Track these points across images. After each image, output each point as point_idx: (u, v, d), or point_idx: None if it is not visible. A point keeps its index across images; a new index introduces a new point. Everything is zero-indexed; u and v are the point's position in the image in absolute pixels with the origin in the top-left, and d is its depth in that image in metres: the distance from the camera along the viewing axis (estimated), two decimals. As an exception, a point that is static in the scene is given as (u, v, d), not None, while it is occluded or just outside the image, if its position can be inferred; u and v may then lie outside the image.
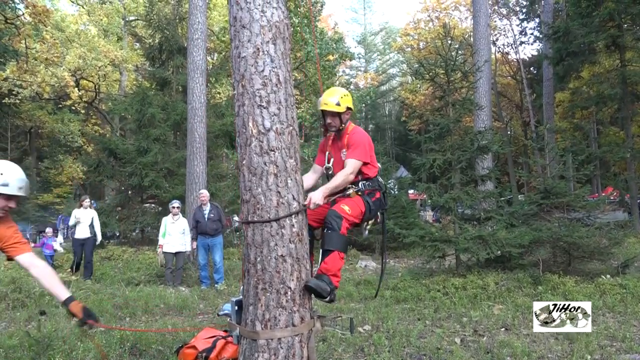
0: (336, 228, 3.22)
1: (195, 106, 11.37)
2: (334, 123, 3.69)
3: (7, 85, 23.15)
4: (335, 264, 3.23)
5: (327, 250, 3.23)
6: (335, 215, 3.27)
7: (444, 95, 8.90)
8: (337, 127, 3.71)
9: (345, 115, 3.69)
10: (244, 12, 3.03)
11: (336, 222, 3.23)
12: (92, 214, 10.43)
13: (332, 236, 3.22)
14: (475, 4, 15.45)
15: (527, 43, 34.85)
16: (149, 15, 16.68)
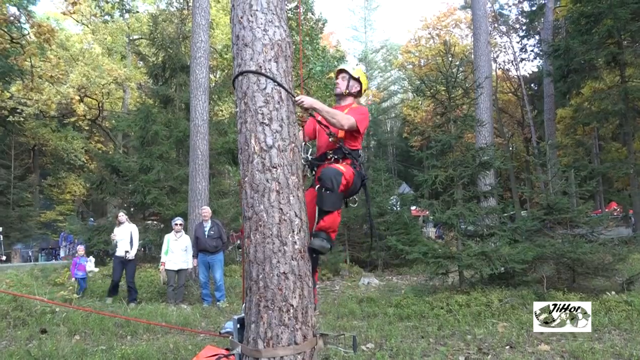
0: (335, 187, 3.25)
1: (198, 123, 11.43)
2: (341, 85, 3.86)
3: (11, 103, 23.37)
4: (334, 221, 3.30)
5: (324, 211, 3.27)
6: (333, 172, 3.30)
7: (445, 111, 8.95)
8: (341, 91, 3.86)
9: (353, 84, 3.87)
10: (247, 30, 3.07)
11: (336, 179, 3.27)
12: (130, 228, 9.92)
13: (330, 197, 3.26)
14: (475, 21, 15.60)
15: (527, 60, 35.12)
16: (152, 34, 16.86)
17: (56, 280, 11.61)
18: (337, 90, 3.90)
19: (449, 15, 38.75)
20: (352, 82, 3.87)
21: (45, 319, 6.59)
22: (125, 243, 9.69)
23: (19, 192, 30.56)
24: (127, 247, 9.65)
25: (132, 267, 9.77)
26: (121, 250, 9.66)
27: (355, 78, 3.87)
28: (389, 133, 52.93)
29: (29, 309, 6.76)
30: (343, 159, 3.60)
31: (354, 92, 3.90)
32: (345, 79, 3.86)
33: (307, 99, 3.29)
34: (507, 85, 37.23)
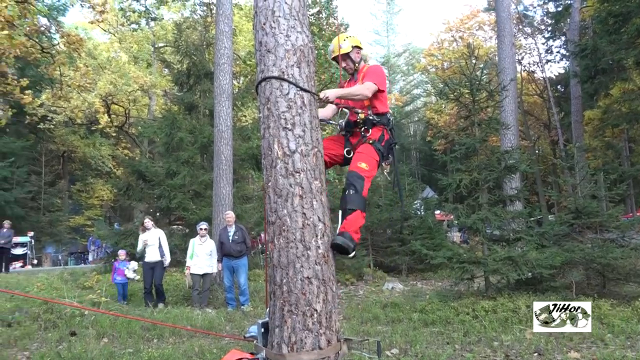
0: (359, 189, 3.37)
1: (222, 129, 11.55)
2: (348, 66, 3.98)
3: (42, 111, 24.03)
4: (356, 222, 3.34)
5: (348, 210, 3.35)
6: (357, 176, 3.42)
7: (469, 114, 8.85)
8: (353, 68, 3.97)
9: (355, 55, 3.96)
10: (269, 37, 3.10)
11: (359, 183, 3.38)
12: (158, 234, 10.02)
13: (354, 197, 3.35)
14: (499, 23, 15.41)
15: (553, 61, 34.36)
16: (177, 42, 17.14)
17: (85, 283, 11.85)
18: (349, 71, 4.02)
19: (472, 17, 38.33)
20: (352, 55, 3.95)
21: (74, 321, 6.73)
22: (154, 248, 9.82)
23: (49, 198, 31.38)
24: (156, 252, 9.78)
25: (160, 270, 9.88)
26: (150, 257, 9.79)
27: (351, 50, 3.95)
28: (412, 137, 52.61)
29: (59, 312, 6.92)
30: (373, 127, 3.72)
31: (359, 59, 4.00)
32: (345, 59, 3.95)
33: (330, 92, 3.41)
34: (532, 87, 36.61)
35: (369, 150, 3.62)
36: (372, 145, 3.65)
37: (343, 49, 3.88)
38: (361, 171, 3.45)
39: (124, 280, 10.30)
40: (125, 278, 10.31)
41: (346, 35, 4.00)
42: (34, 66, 24.53)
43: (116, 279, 10.27)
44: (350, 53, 3.92)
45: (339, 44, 3.87)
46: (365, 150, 3.62)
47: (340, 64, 3.96)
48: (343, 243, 3.15)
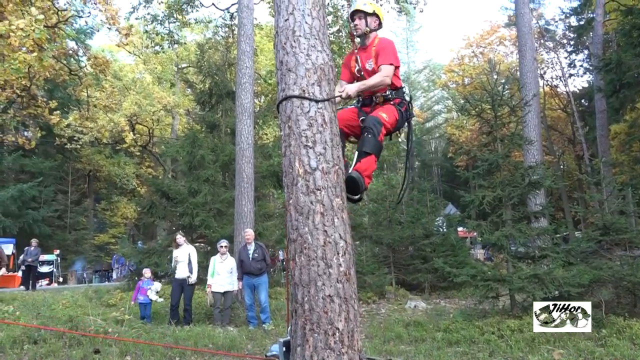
0: (376, 133, 3.44)
1: (243, 147, 11.66)
2: (360, 25, 3.83)
3: (69, 131, 24.67)
4: (370, 165, 3.42)
5: (364, 152, 3.42)
6: (376, 121, 3.50)
7: (491, 130, 8.77)
8: (362, 31, 3.83)
9: (372, 20, 3.84)
10: (290, 56, 3.13)
11: (377, 127, 3.46)
12: (189, 250, 9.96)
13: (371, 140, 3.43)
14: (520, 38, 15.32)
15: (576, 75, 34.01)
16: (199, 62, 17.50)
17: (109, 301, 11.97)
18: (358, 32, 3.87)
19: (492, 33, 38.17)
20: (369, 18, 3.84)
21: (98, 339, 6.79)
22: (184, 265, 9.78)
23: (75, 216, 31.99)
24: (186, 269, 9.73)
25: (190, 290, 9.82)
26: (180, 273, 9.76)
27: (371, 13, 3.84)
28: (433, 153, 52.29)
29: (83, 329, 6.99)
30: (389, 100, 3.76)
31: (374, 27, 3.88)
32: (362, 18, 3.83)
33: (351, 89, 3.42)
34: (555, 101, 36.13)
35: (389, 108, 3.70)
36: (392, 105, 3.73)
37: (364, 8, 3.81)
38: (381, 118, 3.52)
39: (146, 300, 9.88)
40: (147, 298, 9.89)
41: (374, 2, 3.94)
42: (62, 88, 25.30)
43: (139, 299, 9.86)
44: (369, 15, 3.82)
45: (361, 2, 3.83)
46: (386, 108, 3.69)
47: (353, 22, 3.87)
48: (357, 178, 3.26)
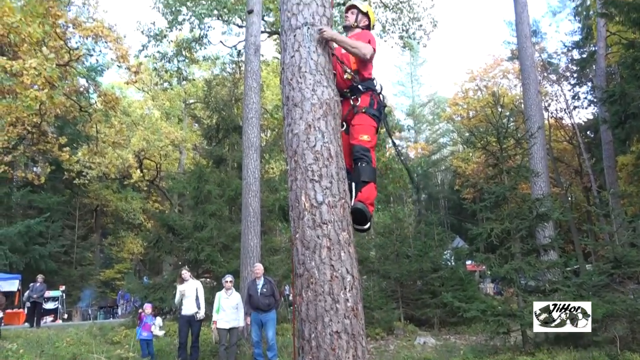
0: (368, 161, 3.47)
1: (250, 181, 11.70)
2: (350, 18, 3.99)
3: (78, 167, 24.92)
4: (371, 193, 3.44)
5: (362, 182, 3.41)
6: (364, 149, 3.49)
7: (497, 163, 8.78)
8: (350, 24, 3.98)
9: (362, 18, 3.99)
10: (296, 91, 3.18)
11: (367, 155, 3.48)
12: (195, 285, 9.77)
13: (366, 169, 3.44)
14: (523, 72, 15.49)
15: (580, 107, 34.07)
16: (207, 98, 17.79)
17: (113, 338, 11.81)
18: (346, 22, 4.03)
19: (495, 66, 38.69)
20: (360, 16, 3.99)
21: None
22: (191, 300, 9.59)
23: (81, 252, 31.95)
24: (193, 305, 9.56)
25: (198, 326, 9.63)
26: (187, 309, 9.54)
27: (364, 12, 4.00)
28: (439, 186, 52.20)
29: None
30: (362, 95, 3.67)
31: (362, 26, 4.00)
32: (354, 14, 3.99)
33: (328, 30, 3.39)
34: (561, 133, 36.20)
35: (365, 120, 3.61)
36: (365, 113, 3.62)
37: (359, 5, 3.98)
38: (365, 143, 3.51)
39: (149, 336, 9.70)
40: (151, 334, 9.70)
41: (369, 7, 4.14)
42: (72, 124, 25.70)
43: (142, 335, 9.64)
44: (359, 12, 3.98)
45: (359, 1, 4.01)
46: (361, 121, 3.60)
47: (346, 13, 4.04)
48: (363, 208, 3.26)
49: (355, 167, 3.48)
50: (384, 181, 23.48)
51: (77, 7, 16.99)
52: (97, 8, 16.89)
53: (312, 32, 3.28)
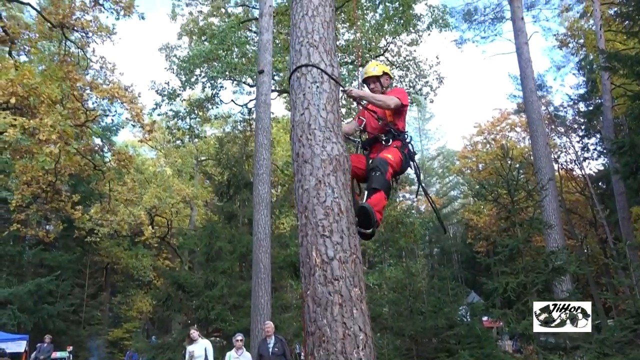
0: (384, 172, 3.63)
1: (260, 237, 11.67)
2: (377, 87, 4.27)
3: (90, 225, 25.06)
4: (380, 201, 3.53)
5: (373, 189, 3.56)
6: (383, 161, 3.71)
7: (509, 215, 8.70)
8: (380, 91, 4.26)
9: (384, 80, 4.32)
10: (306, 148, 3.23)
11: (384, 167, 3.66)
12: (205, 344, 9.65)
13: (380, 178, 3.61)
14: (531, 125, 15.66)
15: (591, 158, 33.94)
16: (218, 155, 18.10)
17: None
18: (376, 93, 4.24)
19: (503, 120, 39.07)
20: (382, 79, 4.30)
21: None
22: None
23: (90, 311, 31.55)
24: None
25: None
26: None
27: (381, 75, 4.30)
28: (452, 239, 51.61)
29: None
30: (393, 140, 4.01)
31: (388, 84, 4.38)
32: (375, 82, 4.27)
33: (355, 90, 3.82)
34: (572, 185, 35.97)
35: (394, 150, 3.91)
36: (395, 148, 3.95)
37: (374, 72, 4.27)
38: (387, 158, 3.73)
39: None
40: None
41: (377, 63, 4.43)
42: (86, 182, 26.09)
43: None
44: (380, 77, 4.28)
45: (371, 68, 4.28)
46: (389, 149, 3.91)
47: (369, 86, 4.30)
48: (369, 209, 3.33)
49: (370, 175, 3.70)
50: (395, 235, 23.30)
51: (94, 70, 17.65)
52: (114, 71, 17.48)
53: (320, 91, 3.37)
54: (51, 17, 14.38)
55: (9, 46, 14.48)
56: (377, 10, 20.27)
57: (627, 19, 17.25)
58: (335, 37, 3.82)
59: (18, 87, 12.05)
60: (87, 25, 14.84)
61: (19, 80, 12.14)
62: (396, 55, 20.55)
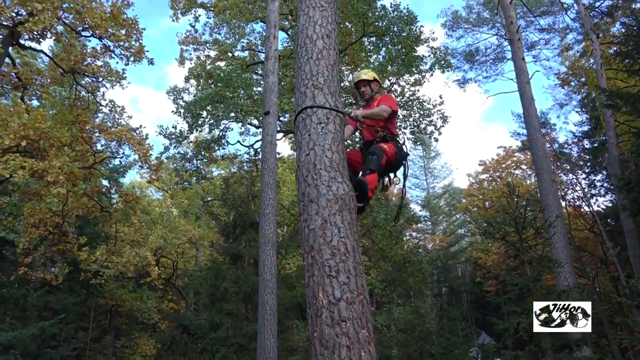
0: (379, 156, 4.17)
1: (266, 278, 11.55)
2: (367, 91, 4.80)
3: (95, 267, 24.94)
4: (373, 181, 4.00)
5: (369, 170, 4.04)
6: (379, 149, 4.27)
7: (518, 253, 8.62)
8: (369, 94, 4.78)
9: (374, 85, 4.83)
10: (312, 188, 3.24)
11: (379, 152, 4.21)
12: None
13: (375, 161, 4.12)
14: (536, 162, 15.66)
15: (598, 195, 33.75)
16: (225, 195, 18.17)
17: None
18: (365, 96, 4.81)
19: (508, 157, 39.16)
20: (372, 84, 4.82)
21: None
22: None
23: (94, 355, 30.92)
24: None
25: None
26: None
27: (372, 80, 4.80)
28: (460, 278, 50.83)
29: None
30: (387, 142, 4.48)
31: (377, 90, 4.86)
32: (366, 85, 4.79)
33: (359, 112, 4.29)
34: (581, 222, 35.61)
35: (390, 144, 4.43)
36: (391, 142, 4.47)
37: (366, 77, 4.76)
38: (383, 147, 4.27)
39: None
40: None
41: (369, 70, 4.88)
42: (92, 224, 26.14)
43: None
44: (371, 82, 4.78)
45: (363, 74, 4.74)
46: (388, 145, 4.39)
47: (359, 89, 4.79)
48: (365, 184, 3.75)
49: (367, 159, 4.19)
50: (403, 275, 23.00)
51: (103, 113, 18.02)
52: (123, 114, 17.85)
53: (325, 131, 3.42)
54: (63, 63, 14.81)
55: (22, 92, 14.86)
56: (381, 52, 20.72)
57: (627, 58, 17.49)
58: (339, 79, 3.91)
59: (30, 130, 12.28)
60: (97, 71, 15.24)
61: (31, 125, 12.39)
62: (400, 95, 20.86)
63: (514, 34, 17.85)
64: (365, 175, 3.99)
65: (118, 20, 14.07)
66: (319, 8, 3.96)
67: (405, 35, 18.51)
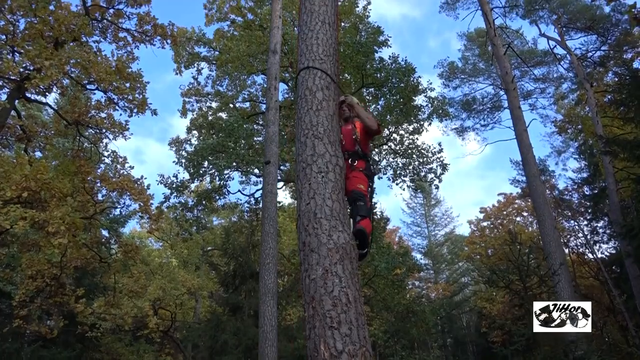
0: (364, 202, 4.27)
1: (267, 330, 11.29)
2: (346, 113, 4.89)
3: (92, 319, 24.42)
4: (367, 225, 4.10)
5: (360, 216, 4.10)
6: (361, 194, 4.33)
7: (522, 302, 8.46)
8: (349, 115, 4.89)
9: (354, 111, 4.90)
10: (312, 237, 3.23)
11: (363, 198, 4.29)
12: None
13: (363, 207, 4.21)
14: (537, 209, 15.63)
15: (601, 242, 33.47)
16: (225, 245, 18.03)
17: None
18: (345, 115, 4.89)
19: (508, 204, 39.16)
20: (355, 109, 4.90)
21: None
22: None
23: (87, 412, 29.81)
24: None
25: None
26: None
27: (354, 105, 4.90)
28: (465, 329, 49.63)
29: None
30: (359, 160, 4.59)
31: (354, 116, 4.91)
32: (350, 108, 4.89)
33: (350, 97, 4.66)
34: (585, 269, 35.13)
35: (360, 175, 4.51)
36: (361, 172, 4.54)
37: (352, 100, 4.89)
38: (361, 190, 4.36)
39: None
40: None
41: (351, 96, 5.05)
42: (91, 275, 25.80)
43: None
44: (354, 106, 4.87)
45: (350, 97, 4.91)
46: (358, 176, 4.48)
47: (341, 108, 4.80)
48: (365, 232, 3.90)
49: (354, 205, 4.27)
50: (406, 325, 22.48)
51: (105, 164, 18.17)
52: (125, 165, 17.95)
53: (326, 180, 3.44)
54: (67, 115, 15.08)
55: (25, 143, 15.05)
56: (379, 102, 21.11)
57: (622, 105, 17.80)
58: (339, 129, 3.98)
59: (31, 182, 12.36)
60: (101, 123, 15.49)
61: (32, 176, 12.48)
62: (399, 144, 21.09)
63: (509, 83, 18.27)
64: (358, 222, 4.06)
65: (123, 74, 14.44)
66: (319, 61, 4.07)
67: (404, 86, 18.88)
